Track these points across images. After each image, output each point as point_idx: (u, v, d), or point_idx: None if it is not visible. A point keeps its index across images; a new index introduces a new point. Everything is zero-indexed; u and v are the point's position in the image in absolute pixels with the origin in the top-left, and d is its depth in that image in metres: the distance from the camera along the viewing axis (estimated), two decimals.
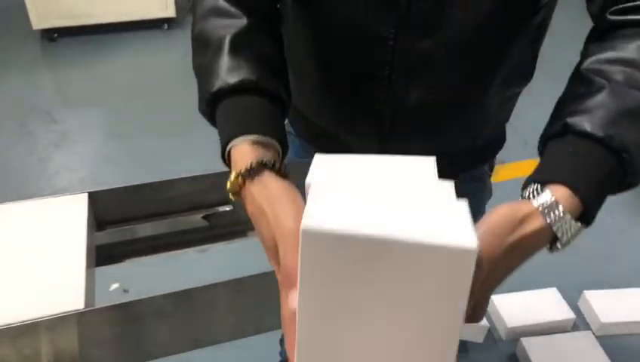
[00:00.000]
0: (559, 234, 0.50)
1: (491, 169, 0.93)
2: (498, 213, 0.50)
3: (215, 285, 0.66)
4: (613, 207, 2.28)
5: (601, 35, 0.63)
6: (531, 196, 0.51)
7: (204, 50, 0.64)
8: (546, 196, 0.50)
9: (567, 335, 1.70)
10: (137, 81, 3.11)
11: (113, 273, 0.61)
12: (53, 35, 3.39)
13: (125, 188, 0.76)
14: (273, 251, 0.50)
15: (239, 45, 0.62)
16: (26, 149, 2.54)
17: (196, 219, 0.83)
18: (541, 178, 0.52)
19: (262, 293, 0.69)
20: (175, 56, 3.30)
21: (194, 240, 0.85)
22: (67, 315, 0.58)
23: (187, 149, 2.47)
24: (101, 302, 0.63)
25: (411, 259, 0.36)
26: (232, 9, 0.64)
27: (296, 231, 0.41)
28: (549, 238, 0.51)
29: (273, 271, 0.53)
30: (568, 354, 1.62)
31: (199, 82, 0.64)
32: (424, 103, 0.74)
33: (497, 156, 0.92)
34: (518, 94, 0.84)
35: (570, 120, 0.54)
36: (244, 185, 0.54)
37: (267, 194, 0.52)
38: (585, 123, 0.53)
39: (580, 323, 1.77)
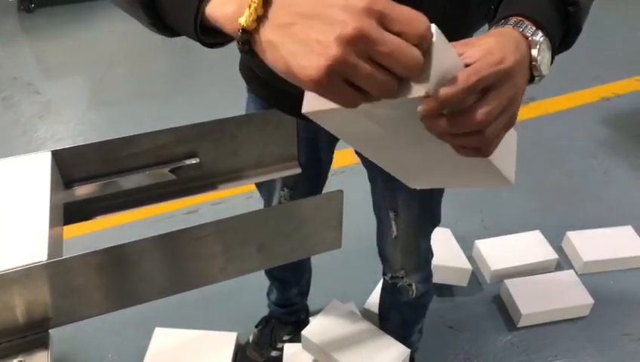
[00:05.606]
0: (534, 53, 0.57)
1: None
2: (497, 30, 0.59)
3: (180, 231, 0.67)
4: (597, 149, 2.29)
5: None
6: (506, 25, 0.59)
7: None
8: (521, 23, 0.58)
9: (550, 275, 1.73)
10: (117, 49, 3.07)
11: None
12: (29, 6, 3.34)
13: (88, 145, 0.77)
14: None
15: None
16: (10, 122, 2.53)
17: (164, 172, 0.84)
18: (513, 13, 0.59)
19: (226, 238, 0.71)
20: None
21: (164, 194, 0.86)
22: (31, 267, 0.60)
23: (170, 115, 2.46)
24: None
25: None
26: None
27: None
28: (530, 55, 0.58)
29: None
30: (551, 293, 1.65)
31: None
32: None
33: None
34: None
35: None
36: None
37: None
38: None
39: (563, 263, 1.80)
